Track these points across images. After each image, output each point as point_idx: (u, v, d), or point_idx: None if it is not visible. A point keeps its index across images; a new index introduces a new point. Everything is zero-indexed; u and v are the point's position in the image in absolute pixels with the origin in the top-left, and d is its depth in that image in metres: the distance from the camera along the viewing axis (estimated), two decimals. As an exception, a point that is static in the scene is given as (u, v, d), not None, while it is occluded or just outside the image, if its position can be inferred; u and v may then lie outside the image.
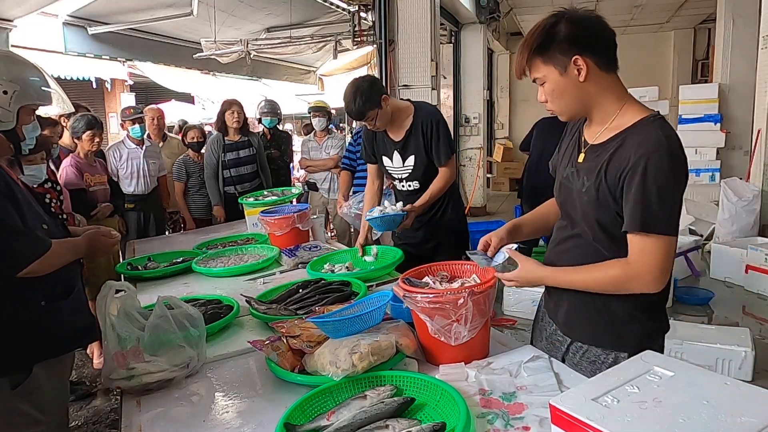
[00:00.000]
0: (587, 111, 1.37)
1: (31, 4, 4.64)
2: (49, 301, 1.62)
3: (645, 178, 1.22)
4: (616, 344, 1.40)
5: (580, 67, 1.27)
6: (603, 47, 1.30)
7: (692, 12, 9.42)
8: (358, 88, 2.46)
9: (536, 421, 1.20)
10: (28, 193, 1.73)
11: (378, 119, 2.51)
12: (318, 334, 1.52)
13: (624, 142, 1.29)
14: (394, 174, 2.72)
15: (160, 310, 1.53)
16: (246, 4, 7.49)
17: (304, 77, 11.22)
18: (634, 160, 1.24)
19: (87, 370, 3.67)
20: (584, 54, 1.26)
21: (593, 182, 1.33)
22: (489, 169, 10.48)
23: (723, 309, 4.11)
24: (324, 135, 4.93)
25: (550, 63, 1.29)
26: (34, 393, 1.60)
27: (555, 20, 1.29)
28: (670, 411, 0.93)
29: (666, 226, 1.24)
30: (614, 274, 1.30)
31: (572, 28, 1.27)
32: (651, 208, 1.22)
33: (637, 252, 1.27)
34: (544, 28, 1.29)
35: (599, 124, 1.37)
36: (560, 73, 1.29)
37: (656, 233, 1.24)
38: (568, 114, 1.38)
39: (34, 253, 1.54)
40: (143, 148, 4.28)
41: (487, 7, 8.34)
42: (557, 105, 1.36)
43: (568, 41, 1.26)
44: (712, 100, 6.62)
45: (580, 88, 1.30)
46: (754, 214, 5.11)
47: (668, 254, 1.26)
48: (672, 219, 1.25)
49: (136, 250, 3.34)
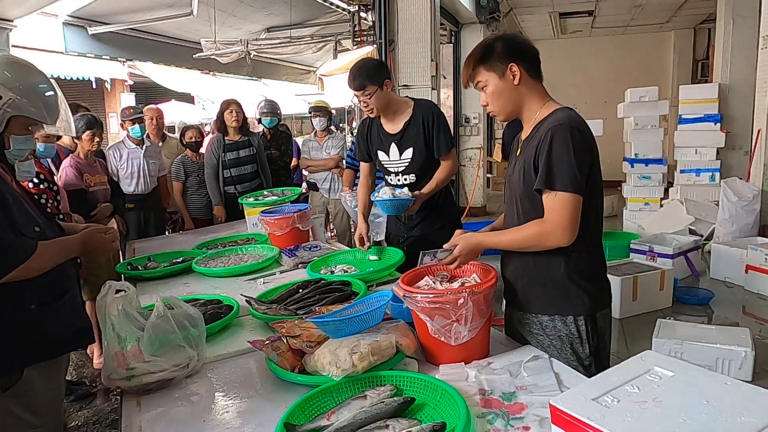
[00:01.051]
0: (519, 111, 1.66)
1: (31, 4, 4.64)
2: (40, 304, 1.60)
3: (550, 146, 1.50)
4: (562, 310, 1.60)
5: (515, 72, 1.59)
6: (531, 59, 1.62)
7: (692, 12, 9.42)
8: (366, 63, 2.61)
9: (536, 421, 1.20)
10: (22, 194, 1.71)
11: (375, 98, 2.54)
12: (318, 334, 1.52)
13: (539, 127, 1.59)
14: (389, 167, 2.70)
15: (160, 310, 1.53)
16: (246, 4, 7.49)
17: (304, 77, 11.23)
18: (543, 136, 1.53)
19: (87, 370, 3.68)
20: (518, 62, 1.59)
21: (522, 164, 1.61)
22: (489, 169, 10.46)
23: (723, 309, 4.11)
24: (324, 135, 4.93)
25: (491, 70, 1.61)
26: (26, 396, 1.59)
27: (495, 39, 1.63)
28: (670, 411, 0.94)
29: (568, 183, 1.48)
30: (533, 230, 1.55)
31: (508, 44, 1.60)
32: (553, 169, 1.49)
33: (548, 211, 1.52)
34: (487, 44, 1.62)
35: (527, 122, 1.66)
36: (499, 77, 1.60)
37: (560, 190, 1.48)
38: (504, 113, 1.66)
39: (13, 260, 1.51)
40: (143, 148, 4.28)
41: (487, 7, 8.34)
42: (496, 105, 1.65)
43: (505, 52, 1.59)
44: (712, 100, 6.61)
45: (514, 90, 1.61)
46: (754, 214, 5.11)
47: (573, 210, 1.49)
48: (573, 178, 1.47)
49: (136, 250, 3.34)
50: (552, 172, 1.49)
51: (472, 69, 1.65)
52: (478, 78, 1.64)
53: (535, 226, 1.55)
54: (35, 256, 1.55)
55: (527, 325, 1.67)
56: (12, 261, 1.51)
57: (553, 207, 1.50)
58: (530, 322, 1.66)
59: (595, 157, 1.56)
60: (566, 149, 1.48)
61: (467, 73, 1.66)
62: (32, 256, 1.54)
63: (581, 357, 1.60)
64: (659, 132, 6.74)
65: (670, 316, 3.71)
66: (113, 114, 9.14)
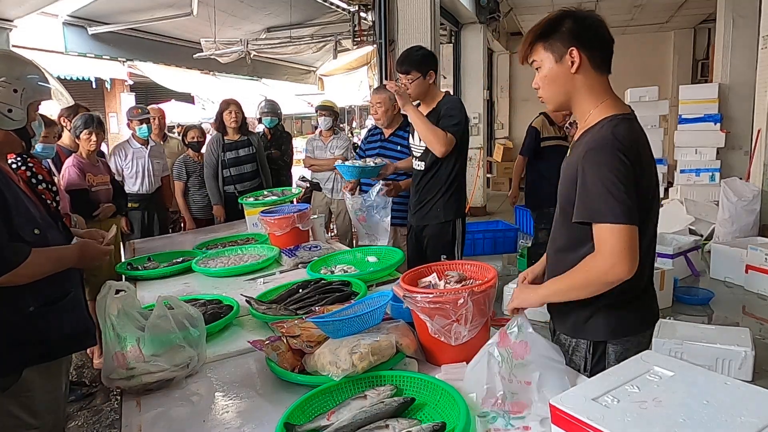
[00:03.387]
0: (569, 104, 1.47)
1: (31, 4, 4.63)
2: (39, 305, 1.59)
3: (584, 172, 1.33)
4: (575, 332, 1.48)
5: (574, 59, 1.38)
6: (598, 47, 1.41)
7: (692, 12, 9.42)
8: (416, 50, 2.79)
9: (537, 420, 1.20)
10: (27, 195, 1.70)
11: (415, 84, 2.69)
12: (318, 334, 1.52)
13: (582, 138, 1.42)
14: (413, 151, 2.92)
15: (160, 310, 1.53)
16: (246, 4, 7.49)
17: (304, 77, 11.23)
18: (580, 155, 1.35)
19: (87, 370, 3.68)
20: (580, 48, 1.38)
21: (564, 178, 1.45)
22: (489, 169, 10.47)
23: (723, 309, 4.11)
24: (330, 134, 4.91)
25: (549, 50, 1.41)
26: (25, 396, 1.59)
27: (562, 15, 1.41)
28: (670, 411, 0.94)
29: (610, 214, 1.28)
30: (592, 271, 1.33)
31: (575, 24, 1.39)
32: (590, 199, 1.32)
33: (598, 243, 1.32)
34: (551, 19, 1.42)
35: (580, 121, 1.48)
36: (555, 61, 1.41)
37: (604, 222, 1.30)
38: (554, 103, 1.48)
39: (4, 265, 1.48)
40: (148, 148, 4.31)
41: (487, 7, 8.34)
42: (546, 92, 1.47)
43: (569, 34, 1.38)
44: (712, 100, 6.62)
45: (570, 80, 1.41)
46: (754, 214, 5.11)
47: (624, 240, 1.28)
48: (616, 208, 1.28)
49: (136, 250, 3.34)
50: (588, 206, 1.32)
51: (529, 45, 1.45)
52: (533, 56, 1.45)
53: (589, 262, 1.34)
54: (27, 263, 1.52)
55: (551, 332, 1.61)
56: (2, 266, 1.49)
57: (600, 238, 1.31)
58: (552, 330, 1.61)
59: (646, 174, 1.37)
60: (600, 177, 1.29)
61: (524, 48, 1.47)
62: (23, 263, 1.51)
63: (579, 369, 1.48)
64: (659, 132, 6.74)
65: (670, 316, 3.71)
66: (113, 114, 9.15)
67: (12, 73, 1.61)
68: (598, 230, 1.32)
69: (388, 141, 3.48)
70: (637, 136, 1.38)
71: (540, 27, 1.43)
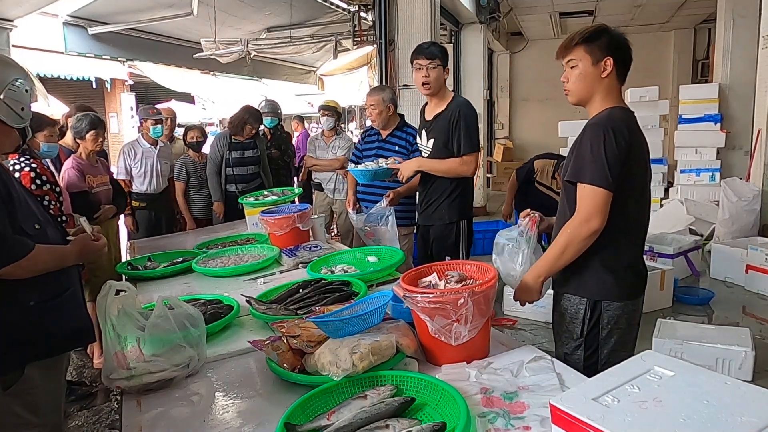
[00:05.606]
0: (589, 100, 1.72)
1: (31, 4, 4.63)
2: (39, 301, 1.61)
3: (581, 140, 1.63)
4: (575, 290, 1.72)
5: (608, 66, 1.66)
6: (625, 62, 1.70)
7: (692, 12, 9.41)
8: (441, 44, 2.99)
9: (537, 420, 1.20)
10: (24, 191, 1.73)
11: (436, 72, 2.78)
12: (318, 334, 1.52)
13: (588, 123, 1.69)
14: (422, 150, 2.97)
15: (160, 310, 1.53)
16: (246, 4, 7.49)
17: (304, 77, 11.22)
18: (583, 130, 1.65)
19: (87, 370, 3.67)
20: (614, 58, 1.66)
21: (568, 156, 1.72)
22: (489, 169, 10.47)
23: (723, 309, 4.11)
24: (332, 135, 4.89)
25: (589, 53, 1.67)
26: (27, 394, 1.60)
27: (604, 28, 1.70)
28: (670, 411, 0.94)
29: (592, 176, 1.57)
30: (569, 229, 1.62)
31: (615, 39, 1.68)
32: (580, 162, 1.60)
33: (579, 201, 1.60)
34: (597, 29, 1.69)
35: (590, 116, 1.72)
36: (592, 63, 1.67)
37: (585, 182, 1.58)
38: (577, 97, 1.73)
39: (7, 256, 1.51)
40: (157, 148, 4.32)
41: (487, 7, 8.33)
42: (575, 86, 1.71)
43: (608, 45, 1.67)
44: (712, 100, 6.60)
45: (598, 82, 1.68)
46: (754, 214, 5.11)
47: (598, 202, 1.57)
48: (596, 172, 1.56)
49: (137, 250, 3.34)
50: (577, 167, 1.60)
51: (572, 43, 1.69)
52: (573, 55, 1.69)
53: (568, 224, 1.62)
54: (30, 256, 1.55)
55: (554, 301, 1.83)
56: (6, 257, 1.51)
57: (580, 196, 1.60)
58: (555, 299, 1.82)
59: (633, 155, 1.61)
60: (593, 144, 1.57)
61: (566, 45, 1.71)
62: (27, 255, 1.54)
63: (574, 336, 1.71)
64: (659, 132, 6.73)
65: (670, 316, 3.71)
66: (113, 114, 9.14)
67: (23, 73, 1.71)
68: (580, 190, 1.60)
69: (386, 141, 3.47)
70: (630, 124, 1.65)
71: (586, 32, 1.68)
